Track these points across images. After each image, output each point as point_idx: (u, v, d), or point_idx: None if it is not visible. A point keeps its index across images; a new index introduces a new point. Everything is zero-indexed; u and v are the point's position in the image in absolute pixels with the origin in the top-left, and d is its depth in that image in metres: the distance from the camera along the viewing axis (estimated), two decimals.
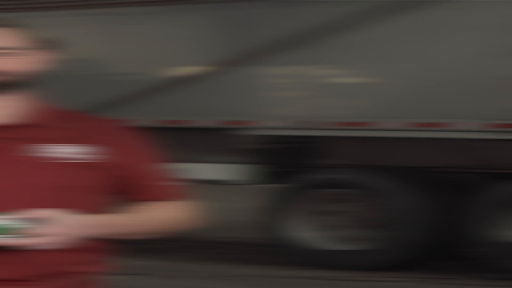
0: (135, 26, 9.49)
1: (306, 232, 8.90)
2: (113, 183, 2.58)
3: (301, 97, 9.01)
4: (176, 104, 9.32)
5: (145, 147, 2.62)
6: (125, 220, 2.53)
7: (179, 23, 9.30)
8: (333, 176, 8.85)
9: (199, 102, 9.20)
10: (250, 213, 9.46)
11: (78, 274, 2.52)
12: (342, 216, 8.90)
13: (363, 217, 8.80)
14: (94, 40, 9.70)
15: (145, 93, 9.32)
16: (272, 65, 8.98)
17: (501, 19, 8.24)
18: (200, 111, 9.23)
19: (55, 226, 2.34)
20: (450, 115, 8.44)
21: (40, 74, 2.51)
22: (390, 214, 8.55)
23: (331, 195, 8.91)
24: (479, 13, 8.30)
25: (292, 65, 8.99)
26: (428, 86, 8.53)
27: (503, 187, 8.44)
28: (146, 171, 2.60)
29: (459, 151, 8.67)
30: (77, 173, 2.50)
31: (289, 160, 9.10)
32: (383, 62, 8.66)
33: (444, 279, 8.31)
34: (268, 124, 8.96)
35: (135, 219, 2.55)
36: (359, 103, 8.76)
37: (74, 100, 6.20)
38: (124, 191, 2.61)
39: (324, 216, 8.92)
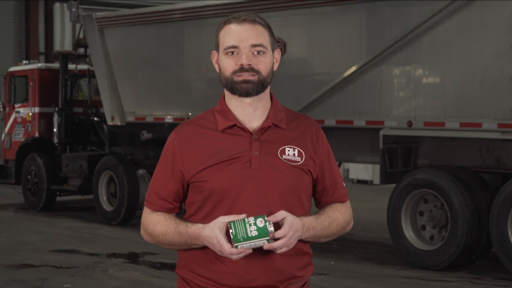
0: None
1: (409, 231, 8.94)
2: (313, 184, 2.61)
3: (404, 97, 9.03)
4: (338, 104, 9.50)
5: (329, 148, 2.65)
6: (320, 223, 2.54)
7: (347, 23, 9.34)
8: (420, 177, 8.74)
9: (352, 102, 9.36)
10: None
11: (302, 278, 2.60)
12: (424, 216, 8.89)
13: (435, 217, 8.74)
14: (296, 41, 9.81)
15: (331, 93, 9.48)
16: (394, 64, 8.97)
17: None
18: (352, 111, 9.38)
19: (290, 228, 2.39)
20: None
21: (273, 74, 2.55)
22: (451, 214, 8.40)
23: (420, 195, 8.88)
24: None
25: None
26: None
27: None
28: (333, 173, 2.63)
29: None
30: (299, 176, 2.53)
31: (399, 160, 9.10)
32: (446, 62, 8.51)
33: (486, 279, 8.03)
34: (388, 124, 9.02)
35: (326, 221, 2.56)
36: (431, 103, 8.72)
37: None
38: (315, 192, 2.63)
39: (414, 216, 8.95)
